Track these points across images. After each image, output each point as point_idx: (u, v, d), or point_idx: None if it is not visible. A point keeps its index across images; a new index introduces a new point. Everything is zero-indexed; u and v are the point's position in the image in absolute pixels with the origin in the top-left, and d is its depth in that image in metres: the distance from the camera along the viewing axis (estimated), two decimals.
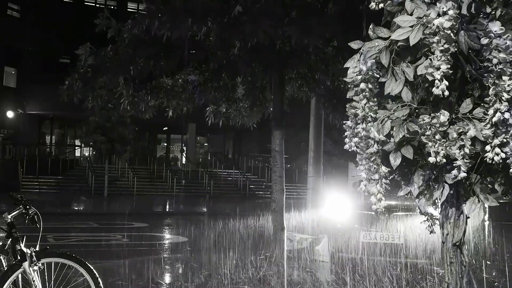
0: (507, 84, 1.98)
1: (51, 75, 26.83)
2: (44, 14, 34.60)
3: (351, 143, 2.28)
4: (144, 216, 17.90)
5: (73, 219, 16.33)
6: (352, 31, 6.00)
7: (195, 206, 23.11)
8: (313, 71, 8.54)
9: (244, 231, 10.70)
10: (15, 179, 27.26)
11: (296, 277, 6.74)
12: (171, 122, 21.60)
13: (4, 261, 4.20)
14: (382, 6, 2.31)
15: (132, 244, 11.21)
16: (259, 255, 7.60)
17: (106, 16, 7.56)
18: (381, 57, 2.22)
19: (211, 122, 9.50)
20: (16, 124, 33.41)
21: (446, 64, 2.02)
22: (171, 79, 8.80)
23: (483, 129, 2.08)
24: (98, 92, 8.32)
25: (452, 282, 2.45)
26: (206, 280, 6.51)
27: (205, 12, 6.50)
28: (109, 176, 27.64)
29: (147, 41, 7.28)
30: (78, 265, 4.30)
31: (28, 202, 4.25)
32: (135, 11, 33.56)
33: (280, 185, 8.12)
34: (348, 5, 6.40)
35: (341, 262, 7.49)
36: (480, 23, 2.11)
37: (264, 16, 6.16)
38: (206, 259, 7.46)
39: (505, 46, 1.97)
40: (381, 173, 2.22)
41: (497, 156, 2.04)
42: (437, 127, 2.08)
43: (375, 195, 2.23)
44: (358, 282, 6.15)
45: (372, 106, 2.20)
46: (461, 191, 2.36)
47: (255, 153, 36.90)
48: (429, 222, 2.71)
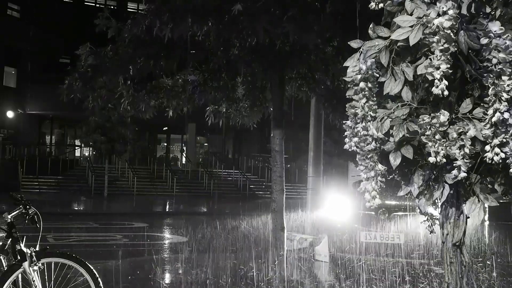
0: (506, 84, 1.98)
1: (51, 75, 26.84)
2: (44, 14, 34.63)
3: (350, 143, 2.28)
4: (144, 216, 17.91)
5: (73, 219, 16.33)
6: (352, 31, 6.00)
7: (195, 206, 23.11)
8: (313, 71, 8.55)
9: (244, 231, 10.71)
10: (15, 179, 27.26)
11: (296, 277, 6.74)
12: (171, 122, 21.60)
13: (4, 261, 4.20)
14: (382, 6, 2.31)
15: (132, 244, 11.20)
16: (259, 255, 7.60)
17: (106, 16, 7.56)
18: (381, 57, 2.22)
19: (211, 122, 9.50)
20: (16, 124, 33.40)
21: (445, 64, 2.02)
22: (171, 79, 8.80)
23: (483, 129, 2.08)
24: (98, 92, 8.32)
25: (452, 282, 2.45)
26: (206, 281, 6.50)
27: (205, 11, 6.50)
28: (109, 176, 27.64)
29: (147, 41, 7.28)
30: (78, 265, 4.30)
31: (28, 202, 4.25)
32: (135, 11, 33.58)
33: (280, 185, 8.12)
34: (347, 5, 6.41)
35: (341, 262, 7.49)
36: (480, 23, 2.11)
37: (263, 15, 6.16)
38: (206, 259, 7.47)
39: (505, 46, 1.97)
40: (377, 171, 2.22)
41: (497, 156, 2.03)
42: (437, 127, 2.08)
43: (369, 192, 2.23)
44: (358, 282, 6.15)
45: (371, 105, 2.20)
46: (461, 191, 2.36)
47: (255, 153, 36.89)
48: (429, 222, 2.71)
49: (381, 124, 2.21)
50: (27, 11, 34.64)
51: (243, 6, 6.00)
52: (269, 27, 6.16)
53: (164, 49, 7.56)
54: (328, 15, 6.58)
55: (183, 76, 8.85)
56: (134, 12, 25.25)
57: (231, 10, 6.01)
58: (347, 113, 2.27)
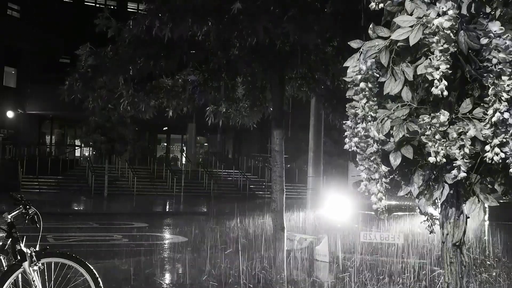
0: (506, 84, 1.98)
1: (51, 75, 26.85)
2: (44, 14, 34.64)
3: (351, 143, 2.28)
4: (144, 216, 17.91)
5: (73, 219, 16.33)
6: (352, 31, 6.01)
7: (195, 206, 23.11)
8: (313, 71, 8.54)
9: (244, 231, 10.71)
10: (15, 179, 27.26)
11: (296, 277, 6.74)
12: (171, 122, 21.60)
13: (4, 261, 4.20)
14: (382, 6, 2.31)
15: (132, 244, 11.20)
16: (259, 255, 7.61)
17: (106, 16, 7.55)
18: (381, 57, 2.22)
19: (211, 122, 9.50)
20: (16, 124, 33.41)
21: (445, 64, 2.02)
22: (171, 79, 8.79)
23: (483, 129, 2.08)
24: (98, 92, 8.31)
25: (452, 282, 2.45)
26: (207, 280, 6.51)
27: (205, 11, 6.50)
28: (109, 176, 27.64)
29: (147, 41, 7.27)
30: (78, 265, 4.30)
31: (28, 202, 4.25)
32: (135, 11, 33.58)
33: (280, 185, 8.12)
34: (348, 5, 6.41)
35: (341, 262, 7.49)
36: (480, 23, 2.11)
37: (263, 14, 6.16)
38: (206, 259, 7.47)
39: (505, 46, 1.97)
40: (381, 173, 2.22)
41: (497, 156, 2.03)
42: (437, 127, 2.08)
43: (376, 194, 2.23)
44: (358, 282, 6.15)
45: (372, 106, 2.20)
46: (461, 191, 2.36)
47: (255, 153, 36.89)
48: (429, 222, 2.71)
49: (382, 126, 2.21)
50: (27, 11, 34.65)
51: (243, 5, 5.99)
52: (269, 26, 6.16)
53: (164, 49, 7.56)
54: (328, 15, 6.58)
55: (183, 76, 8.85)
56: (134, 12, 25.25)
57: (231, 10, 6.01)
58: (347, 113, 2.27)
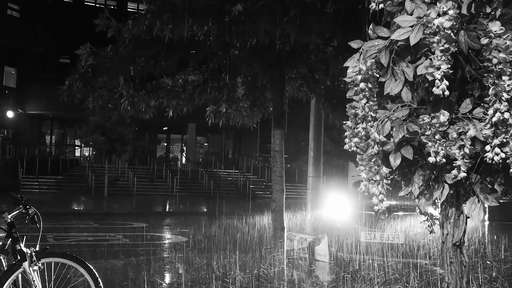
0: (506, 84, 1.98)
1: (51, 75, 26.87)
2: (44, 14, 34.62)
3: (351, 143, 2.28)
4: (144, 216, 17.90)
5: (73, 219, 16.33)
6: (352, 31, 6.01)
7: (195, 206, 23.10)
8: (313, 71, 8.55)
9: (244, 231, 10.71)
10: (15, 179, 27.26)
11: (296, 277, 6.74)
12: (171, 122, 21.61)
13: (4, 261, 4.20)
14: (382, 6, 2.31)
15: (132, 244, 11.20)
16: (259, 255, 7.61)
17: (106, 16, 7.56)
18: (381, 57, 2.22)
19: (211, 122, 9.50)
20: (16, 124, 33.40)
21: (446, 64, 2.02)
22: (171, 79, 8.80)
23: (483, 129, 2.08)
24: (98, 92, 8.32)
25: (452, 282, 2.45)
26: (206, 280, 6.50)
27: (205, 11, 6.51)
28: (109, 176, 27.63)
29: (148, 41, 7.28)
30: (78, 265, 4.30)
31: (28, 202, 4.25)
32: (135, 11, 33.55)
33: (280, 185, 8.12)
34: (347, 5, 6.41)
35: (341, 262, 7.49)
36: (480, 23, 2.11)
37: (264, 15, 6.17)
38: (206, 259, 7.47)
39: (505, 46, 1.97)
40: (382, 174, 2.22)
41: (497, 156, 2.03)
42: (437, 127, 2.08)
43: (377, 196, 2.23)
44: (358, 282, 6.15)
45: (372, 106, 2.20)
46: (461, 191, 2.36)
47: (255, 153, 36.89)
48: (429, 222, 2.71)
49: (382, 127, 2.21)
50: (27, 11, 34.62)
51: (244, 6, 6.00)
52: (269, 27, 6.16)
53: (164, 49, 7.57)
54: (329, 15, 6.58)
55: (183, 76, 8.85)
56: (134, 12, 25.25)
57: (231, 11, 6.01)
58: (347, 113, 2.27)
